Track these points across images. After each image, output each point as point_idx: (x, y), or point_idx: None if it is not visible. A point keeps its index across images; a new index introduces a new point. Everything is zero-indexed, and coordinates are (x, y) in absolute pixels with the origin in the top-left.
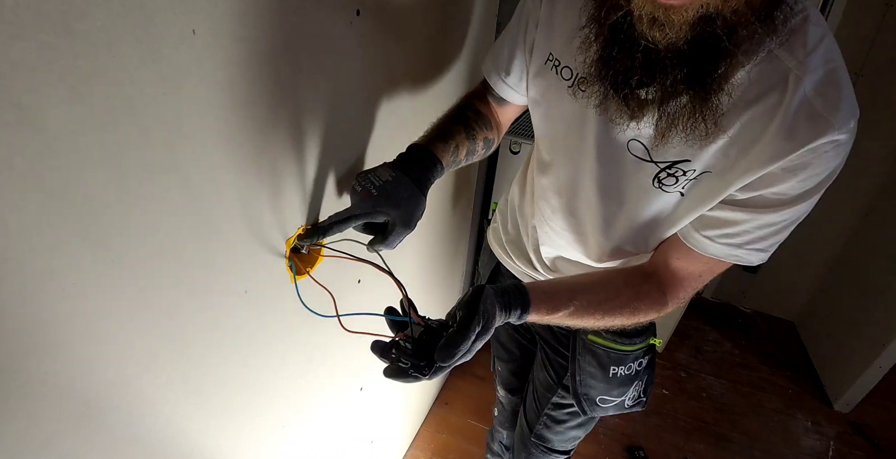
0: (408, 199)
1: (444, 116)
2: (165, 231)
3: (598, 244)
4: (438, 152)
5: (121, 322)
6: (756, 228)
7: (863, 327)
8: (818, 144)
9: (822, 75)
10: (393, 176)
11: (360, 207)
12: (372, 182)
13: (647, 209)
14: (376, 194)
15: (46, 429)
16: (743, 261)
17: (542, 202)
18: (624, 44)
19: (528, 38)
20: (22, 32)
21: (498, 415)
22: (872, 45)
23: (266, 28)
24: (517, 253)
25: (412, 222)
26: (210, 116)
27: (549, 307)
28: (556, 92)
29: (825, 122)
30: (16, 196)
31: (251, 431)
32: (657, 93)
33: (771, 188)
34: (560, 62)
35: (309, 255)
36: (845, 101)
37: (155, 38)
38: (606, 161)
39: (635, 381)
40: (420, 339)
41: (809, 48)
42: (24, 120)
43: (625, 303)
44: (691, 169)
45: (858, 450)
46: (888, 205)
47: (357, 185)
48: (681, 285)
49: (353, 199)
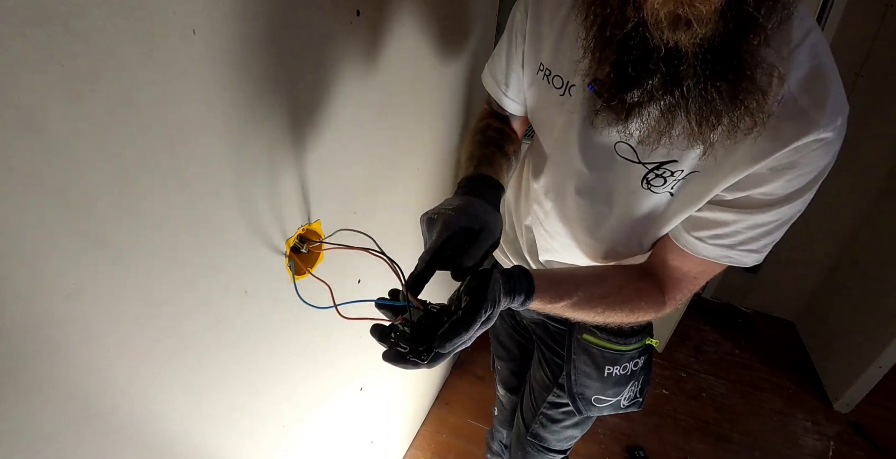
0: (487, 214)
1: (473, 144)
2: (165, 231)
3: (590, 247)
4: (489, 174)
5: (120, 322)
6: (746, 228)
7: (863, 327)
8: (804, 143)
9: (808, 71)
10: (463, 200)
11: (446, 228)
12: (444, 208)
13: (636, 211)
14: (454, 214)
15: (46, 429)
16: (736, 262)
17: (536, 206)
18: (639, 59)
19: (518, 50)
20: (22, 32)
21: (498, 414)
22: (872, 45)
23: (266, 28)
24: (514, 253)
25: (496, 232)
26: (210, 116)
27: (552, 296)
28: (549, 100)
29: (810, 120)
30: (16, 196)
31: (250, 431)
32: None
33: (759, 189)
34: (551, 71)
35: (309, 254)
36: (832, 98)
37: (155, 38)
38: (593, 164)
39: (631, 381)
40: (419, 323)
41: (794, 44)
42: (24, 120)
43: (626, 299)
44: (679, 169)
45: (858, 450)
46: (888, 205)
47: (432, 214)
48: (677, 286)
49: (433, 228)
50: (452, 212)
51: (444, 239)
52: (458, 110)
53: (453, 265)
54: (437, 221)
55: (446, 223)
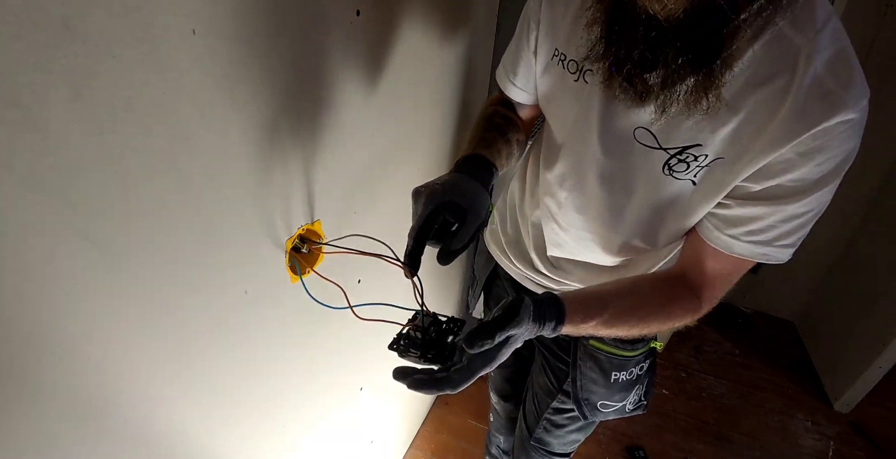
0: (473, 191)
1: (477, 126)
2: (165, 231)
3: (605, 239)
4: (485, 155)
5: (121, 322)
6: (780, 221)
7: (863, 327)
8: (832, 124)
9: (833, 53)
10: (452, 176)
11: (431, 200)
12: (434, 182)
13: (657, 199)
14: (441, 189)
15: (46, 429)
16: (772, 259)
17: (548, 198)
18: (625, 20)
19: (532, 38)
20: (22, 32)
21: (493, 421)
22: (872, 45)
23: (266, 28)
24: (517, 255)
25: (482, 213)
26: (210, 117)
27: (582, 316)
28: (563, 86)
29: (839, 100)
30: (16, 196)
31: (251, 431)
32: (661, 70)
33: (789, 175)
34: (566, 56)
35: (310, 254)
36: (857, 79)
37: (155, 38)
38: (612, 152)
39: (636, 385)
40: (429, 330)
41: (818, 26)
42: (25, 120)
43: (658, 308)
44: (703, 155)
45: (858, 450)
46: (888, 205)
47: (420, 187)
48: (712, 285)
49: (420, 199)
50: (440, 186)
51: (429, 211)
52: (459, 110)
53: (441, 249)
54: (423, 193)
55: (431, 196)
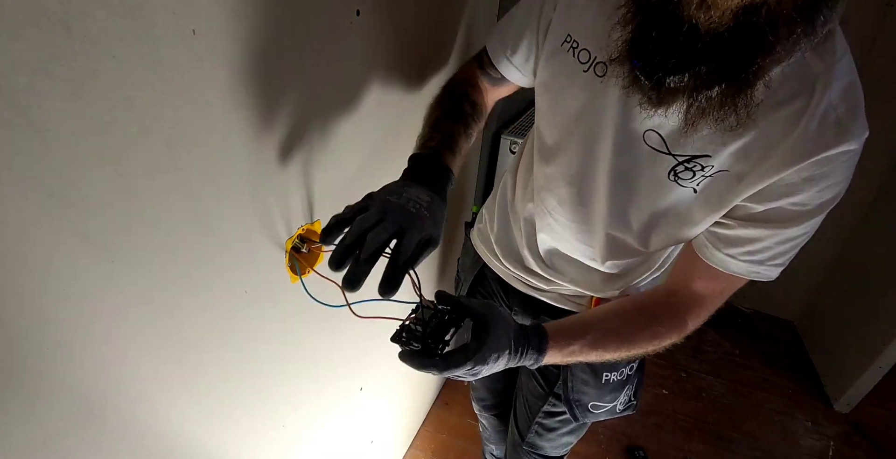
0: (442, 218)
1: (442, 109)
2: (165, 231)
3: (602, 237)
4: (451, 165)
5: (121, 322)
6: (778, 243)
7: (863, 327)
8: (836, 153)
9: (847, 84)
10: (430, 197)
11: (423, 229)
12: (420, 204)
13: (658, 202)
14: (429, 216)
15: (47, 429)
16: (763, 277)
17: (546, 193)
18: (666, 26)
19: (545, 18)
20: (22, 32)
21: (482, 432)
22: (872, 45)
23: (266, 28)
24: (505, 253)
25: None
26: (210, 117)
27: (566, 338)
28: (571, 75)
29: (846, 130)
30: (16, 196)
31: (251, 431)
32: (690, 81)
33: (791, 198)
34: (579, 44)
35: (310, 254)
36: (862, 113)
37: (155, 38)
38: (622, 150)
39: (627, 385)
40: (429, 322)
41: (837, 57)
42: (24, 120)
43: (643, 328)
44: (709, 165)
45: (858, 450)
46: (888, 205)
47: (390, 197)
48: (702, 303)
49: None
50: (427, 213)
51: (426, 238)
52: None
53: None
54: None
55: (424, 226)
